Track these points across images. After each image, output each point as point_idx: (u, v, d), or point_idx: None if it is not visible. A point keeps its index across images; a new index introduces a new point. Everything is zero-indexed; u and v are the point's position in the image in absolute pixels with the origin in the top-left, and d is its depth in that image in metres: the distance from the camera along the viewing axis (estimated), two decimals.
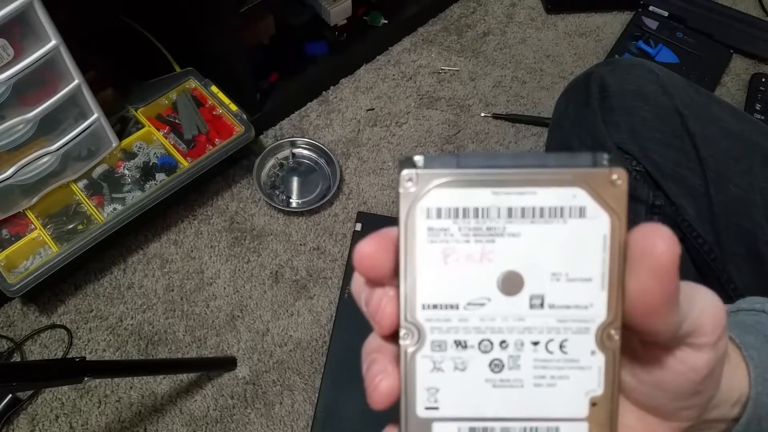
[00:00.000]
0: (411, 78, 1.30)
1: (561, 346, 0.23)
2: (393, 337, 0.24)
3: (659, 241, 0.22)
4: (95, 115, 0.93)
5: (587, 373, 0.23)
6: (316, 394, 0.93)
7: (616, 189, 0.22)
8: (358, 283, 0.25)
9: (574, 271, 0.22)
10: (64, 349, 0.98)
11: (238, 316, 1.01)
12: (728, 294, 0.66)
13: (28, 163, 0.89)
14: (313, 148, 1.18)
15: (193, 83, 1.11)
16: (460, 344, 0.23)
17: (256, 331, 1.00)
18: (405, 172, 0.22)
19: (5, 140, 0.83)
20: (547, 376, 0.23)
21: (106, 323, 1.00)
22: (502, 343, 0.23)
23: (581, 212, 0.22)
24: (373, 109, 1.25)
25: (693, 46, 1.32)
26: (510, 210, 0.22)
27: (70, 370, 0.66)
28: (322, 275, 1.05)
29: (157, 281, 1.04)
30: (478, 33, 1.38)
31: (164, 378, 0.96)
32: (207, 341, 0.99)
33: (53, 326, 0.99)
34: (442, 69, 1.32)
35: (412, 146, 1.20)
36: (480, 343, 0.23)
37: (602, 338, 0.23)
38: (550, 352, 0.23)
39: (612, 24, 1.40)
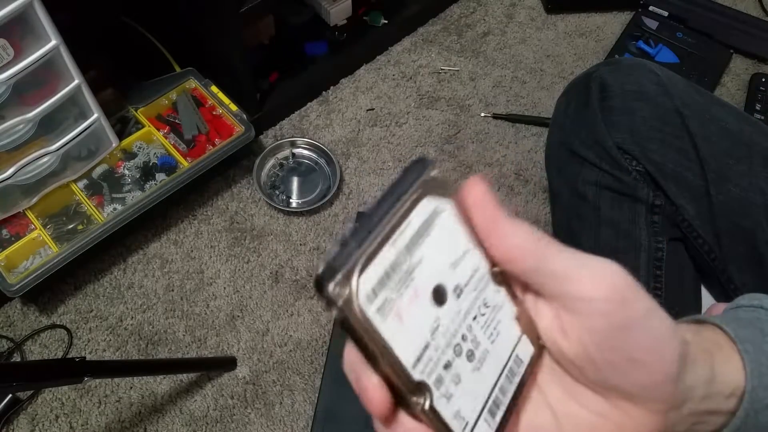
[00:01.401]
0: (411, 78, 1.30)
1: (485, 305, 0.28)
2: (393, 407, 0.26)
3: (467, 190, 0.28)
4: (95, 115, 0.93)
5: (504, 306, 0.29)
6: (316, 394, 0.93)
7: (442, 180, 0.27)
8: (348, 362, 0.27)
9: (458, 252, 0.28)
10: (64, 349, 0.98)
11: (238, 316, 1.01)
12: (728, 294, 0.66)
13: (28, 163, 0.89)
14: (313, 148, 1.18)
15: (193, 83, 1.11)
16: (447, 365, 0.27)
17: (256, 331, 1.00)
18: (328, 289, 0.24)
19: (5, 140, 0.83)
20: (493, 330, 0.29)
21: (106, 323, 1.00)
22: (463, 337, 0.27)
23: (437, 212, 0.27)
24: (373, 109, 1.25)
25: (693, 46, 1.32)
26: (406, 247, 0.26)
27: (70, 370, 0.66)
28: None
29: (157, 281, 1.04)
30: (478, 33, 1.38)
31: (164, 378, 0.96)
32: (207, 341, 0.99)
33: (53, 326, 0.99)
34: (442, 69, 1.32)
35: (412, 146, 1.20)
36: (454, 351, 0.27)
37: (495, 277, 0.29)
38: (483, 314, 0.28)
39: (612, 24, 1.40)
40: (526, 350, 0.29)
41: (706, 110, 0.67)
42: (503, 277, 0.29)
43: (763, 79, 1.27)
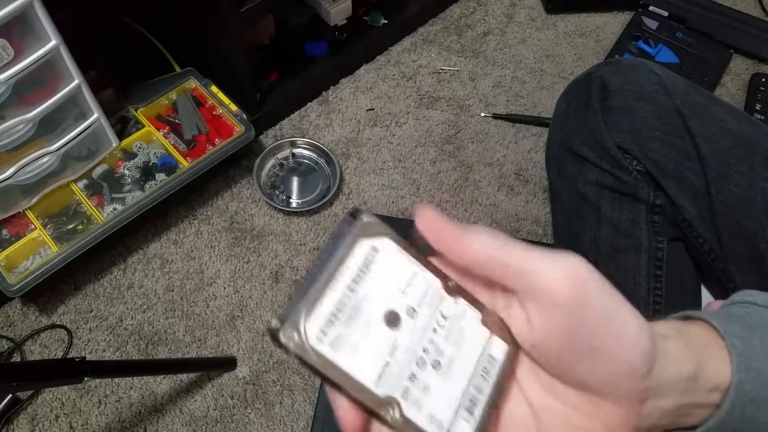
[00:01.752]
0: (411, 78, 1.30)
1: (443, 317, 0.31)
2: (366, 424, 0.29)
3: (417, 219, 0.31)
4: (95, 115, 0.93)
5: (466, 313, 0.31)
6: (316, 394, 0.93)
7: (374, 222, 0.31)
8: (327, 389, 0.30)
9: (405, 278, 0.31)
10: (64, 349, 0.98)
11: (238, 316, 1.01)
12: (729, 294, 0.66)
13: (28, 163, 0.89)
14: (313, 148, 1.18)
15: (193, 83, 1.11)
16: (412, 377, 0.30)
17: (256, 331, 1.00)
18: (281, 339, 0.28)
19: (5, 140, 0.83)
20: (457, 337, 0.31)
21: (106, 323, 1.00)
22: (425, 350, 0.30)
23: (375, 249, 0.31)
24: (373, 109, 1.25)
25: (693, 46, 1.32)
26: (348, 287, 0.30)
27: (70, 370, 0.66)
28: None
29: (157, 281, 1.04)
30: (478, 33, 1.38)
31: (164, 378, 0.96)
32: (207, 341, 0.99)
33: (53, 326, 0.99)
34: (442, 69, 1.32)
35: (412, 146, 1.20)
36: (417, 364, 0.30)
37: (451, 291, 0.31)
38: (443, 325, 0.31)
39: (612, 24, 1.40)
40: (500, 349, 0.32)
41: (706, 110, 0.67)
42: (460, 288, 0.32)
43: (763, 79, 1.27)
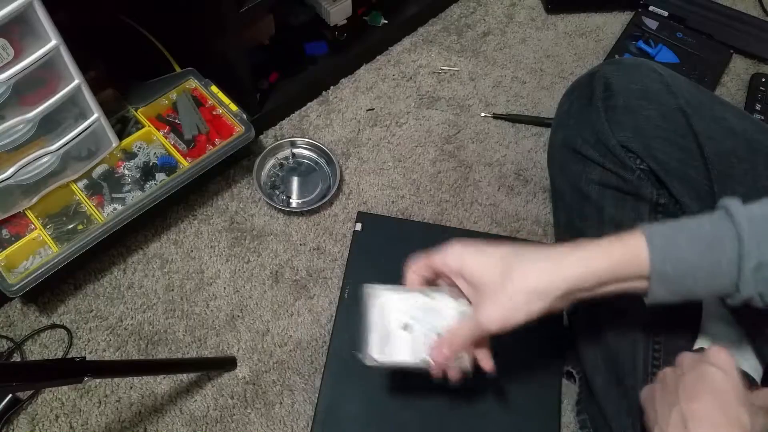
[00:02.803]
0: (411, 78, 1.30)
1: (431, 308, 0.67)
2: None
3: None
4: (95, 115, 0.93)
5: (443, 299, 0.66)
6: (316, 394, 0.93)
7: (376, 288, 0.60)
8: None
9: (404, 304, 0.67)
10: (64, 349, 0.98)
11: (238, 316, 1.01)
12: None
13: (28, 163, 0.89)
14: (313, 148, 1.18)
15: (193, 83, 1.11)
16: (427, 344, 0.65)
17: (256, 331, 1.00)
18: (366, 362, 0.61)
19: (5, 140, 0.83)
20: (436, 314, 0.65)
21: (106, 323, 1.00)
22: (426, 334, 0.65)
23: (381, 299, 0.67)
24: (373, 109, 1.25)
25: (693, 46, 1.32)
26: (382, 322, 0.67)
27: (70, 370, 0.66)
28: (322, 275, 1.05)
29: (157, 281, 1.04)
30: (478, 33, 1.38)
31: (164, 378, 0.95)
32: (207, 341, 0.99)
33: (53, 326, 0.99)
34: (442, 69, 1.32)
35: (412, 146, 1.20)
36: (426, 337, 0.64)
37: (429, 295, 0.67)
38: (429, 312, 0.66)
39: (612, 24, 1.40)
40: (465, 302, 0.59)
41: (709, 109, 0.67)
42: (437, 288, 0.65)
43: (763, 79, 1.27)
